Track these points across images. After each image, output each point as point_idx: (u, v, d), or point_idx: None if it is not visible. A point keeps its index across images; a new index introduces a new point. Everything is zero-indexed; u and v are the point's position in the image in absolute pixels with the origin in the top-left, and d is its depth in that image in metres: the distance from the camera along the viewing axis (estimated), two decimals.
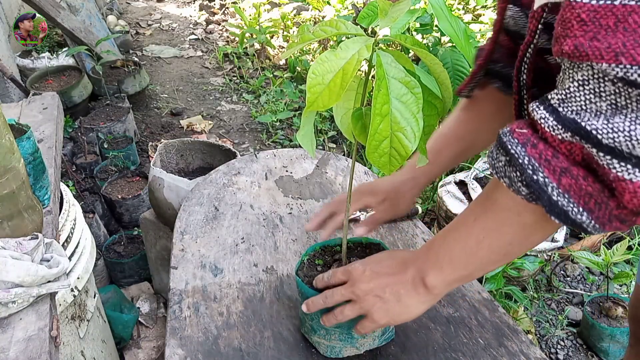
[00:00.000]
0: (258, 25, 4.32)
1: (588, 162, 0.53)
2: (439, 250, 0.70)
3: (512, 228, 0.62)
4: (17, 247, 0.87)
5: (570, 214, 0.54)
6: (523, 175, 0.56)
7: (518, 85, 0.74)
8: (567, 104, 0.53)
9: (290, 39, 4.26)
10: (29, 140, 1.00)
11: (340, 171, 1.45)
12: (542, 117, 0.54)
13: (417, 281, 0.71)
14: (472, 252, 0.67)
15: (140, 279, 2.12)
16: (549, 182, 0.54)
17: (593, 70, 0.50)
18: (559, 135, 0.53)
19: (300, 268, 0.88)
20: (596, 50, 0.48)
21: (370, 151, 0.61)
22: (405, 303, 0.72)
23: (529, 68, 0.69)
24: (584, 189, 0.52)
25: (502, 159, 0.59)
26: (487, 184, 0.67)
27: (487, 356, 0.90)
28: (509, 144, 0.57)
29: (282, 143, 3.14)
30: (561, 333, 1.91)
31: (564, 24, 0.51)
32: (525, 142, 0.56)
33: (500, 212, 0.62)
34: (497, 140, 0.61)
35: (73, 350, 1.26)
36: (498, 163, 0.59)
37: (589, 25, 0.49)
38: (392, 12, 0.63)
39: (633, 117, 0.48)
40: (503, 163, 0.59)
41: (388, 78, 0.59)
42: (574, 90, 0.52)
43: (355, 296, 0.75)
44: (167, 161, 1.93)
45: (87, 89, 3.16)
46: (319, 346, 0.88)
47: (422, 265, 0.71)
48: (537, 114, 0.55)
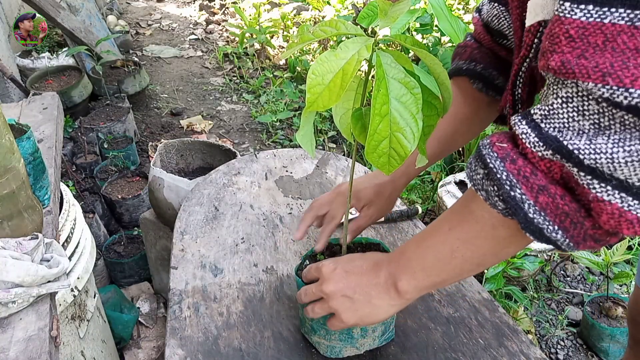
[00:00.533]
0: (258, 25, 4.33)
1: (566, 180, 0.52)
2: (412, 256, 0.70)
3: (486, 240, 0.62)
4: (17, 247, 0.87)
5: (545, 231, 0.53)
6: (500, 190, 0.55)
7: (513, 99, 0.73)
8: (550, 120, 0.52)
9: (290, 39, 4.26)
10: (29, 140, 1.00)
11: (340, 171, 1.45)
12: (523, 132, 0.54)
13: (389, 284, 0.71)
14: (445, 261, 0.66)
15: (140, 279, 2.12)
16: (526, 199, 0.53)
17: (578, 88, 0.49)
18: (539, 152, 0.52)
19: (300, 268, 0.88)
20: (583, 69, 0.47)
21: (370, 151, 0.61)
22: (375, 305, 0.72)
23: (525, 82, 0.68)
24: (560, 207, 0.52)
25: (480, 172, 0.58)
26: (465, 192, 0.66)
27: (487, 356, 0.90)
28: (487, 157, 0.57)
29: (282, 143, 3.14)
30: (561, 333, 1.91)
31: (552, 39, 0.50)
32: (505, 157, 0.55)
33: (475, 223, 0.62)
34: (476, 152, 0.60)
35: (73, 350, 1.27)
36: (476, 175, 0.59)
37: (577, 42, 0.48)
38: (392, 12, 0.63)
39: (616, 138, 0.47)
40: (481, 176, 0.58)
41: (387, 78, 0.59)
42: (557, 107, 0.51)
43: (324, 294, 0.75)
44: (167, 161, 1.93)
45: (87, 89, 3.16)
46: (319, 346, 0.88)
47: (395, 269, 0.71)
48: (519, 128, 0.55)
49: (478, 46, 0.92)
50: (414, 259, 0.69)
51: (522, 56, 0.66)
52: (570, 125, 0.50)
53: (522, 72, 0.68)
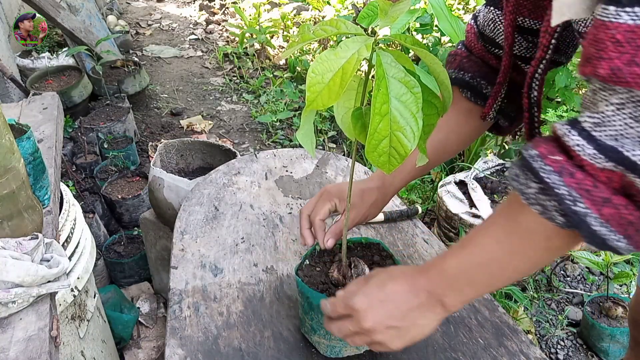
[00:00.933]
0: (258, 25, 4.33)
1: (626, 188, 0.51)
2: (456, 273, 0.68)
3: (539, 251, 0.61)
4: (17, 247, 0.87)
5: (608, 241, 0.53)
6: (561, 205, 0.54)
7: (529, 102, 0.71)
8: (603, 128, 0.50)
9: (291, 38, 4.26)
10: (29, 140, 1.00)
11: (340, 171, 1.45)
12: (578, 144, 0.52)
13: (432, 302, 0.69)
14: (495, 275, 0.66)
15: (140, 279, 2.12)
16: (590, 213, 0.52)
17: (631, 94, 0.48)
18: (598, 164, 0.51)
19: (300, 268, 0.88)
20: (636, 76, 0.46)
21: (370, 150, 0.61)
22: (421, 324, 0.70)
23: (540, 84, 0.67)
24: (625, 217, 0.52)
25: (534, 186, 0.56)
26: (503, 204, 0.65)
27: (487, 356, 0.90)
28: (541, 172, 0.55)
29: (282, 143, 3.14)
30: (561, 333, 1.91)
31: (597, 45, 0.48)
32: (561, 171, 0.53)
33: (527, 236, 0.61)
34: (523, 164, 0.58)
35: (73, 350, 1.26)
36: (528, 190, 0.57)
37: (625, 47, 0.46)
38: (392, 12, 0.63)
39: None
40: (535, 190, 0.56)
41: (388, 77, 0.59)
42: (611, 114, 0.50)
43: (365, 331, 0.71)
44: (167, 161, 1.93)
45: (87, 89, 3.16)
46: (319, 346, 0.88)
47: (437, 287, 0.69)
48: (571, 140, 0.53)
49: (468, 55, 0.92)
50: (460, 277, 0.68)
51: (538, 58, 0.64)
52: (627, 133, 0.49)
53: (539, 74, 0.66)
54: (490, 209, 1.94)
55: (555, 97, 2.13)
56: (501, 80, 0.85)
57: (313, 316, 0.84)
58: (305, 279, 0.85)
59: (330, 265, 0.89)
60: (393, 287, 0.71)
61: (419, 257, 1.13)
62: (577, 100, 2.08)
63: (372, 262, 0.90)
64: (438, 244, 1.17)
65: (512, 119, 0.93)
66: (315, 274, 0.87)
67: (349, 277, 0.85)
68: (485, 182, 2.09)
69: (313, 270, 0.88)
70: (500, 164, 2.21)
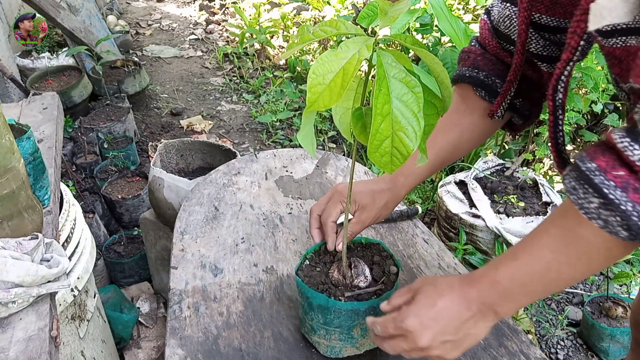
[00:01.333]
0: (258, 25, 4.33)
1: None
2: (512, 286, 0.68)
3: (599, 260, 0.61)
4: (17, 247, 0.87)
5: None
6: (626, 221, 0.54)
7: (553, 105, 0.70)
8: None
9: (290, 39, 4.26)
10: (29, 140, 1.00)
11: (340, 171, 1.45)
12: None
13: (485, 313, 0.70)
14: (550, 284, 0.66)
15: (140, 279, 2.12)
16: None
17: None
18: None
19: (300, 268, 0.88)
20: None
21: (372, 151, 0.60)
22: (475, 333, 0.71)
23: (566, 86, 0.65)
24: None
25: (595, 201, 0.56)
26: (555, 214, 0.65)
27: (487, 356, 0.90)
28: (604, 188, 0.54)
29: (282, 143, 3.14)
30: (561, 333, 1.91)
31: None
32: (625, 187, 0.53)
33: (587, 247, 0.61)
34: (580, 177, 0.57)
35: (73, 350, 1.26)
36: (588, 204, 0.57)
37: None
38: (391, 12, 0.63)
39: None
40: (596, 205, 0.56)
41: (389, 78, 0.59)
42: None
43: (421, 349, 0.71)
44: (167, 161, 1.93)
45: (87, 89, 3.16)
46: (319, 346, 0.88)
47: (491, 299, 0.69)
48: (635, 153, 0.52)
49: (482, 52, 0.90)
50: (515, 288, 0.68)
51: (565, 59, 0.63)
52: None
53: (565, 76, 0.65)
54: (490, 209, 1.94)
55: None
56: (511, 78, 0.83)
57: (313, 316, 0.84)
58: (306, 279, 0.85)
59: (330, 265, 0.89)
60: (444, 303, 0.71)
61: (419, 257, 1.13)
62: (577, 100, 2.08)
63: (372, 262, 0.90)
64: (438, 244, 1.17)
65: (526, 116, 0.92)
66: (315, 274, 0.87)
67: (349, 277, 0.85)
68: (485, 182, 2.09)
69: (313, 271, 0.88)
70: (500, 164, 2.21)
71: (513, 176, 2.14)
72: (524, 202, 1.99)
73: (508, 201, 1.99)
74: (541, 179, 2.09)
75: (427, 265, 1.11)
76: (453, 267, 1.11)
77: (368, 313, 0.81)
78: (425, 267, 1.11)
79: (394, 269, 0.88)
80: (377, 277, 0.87)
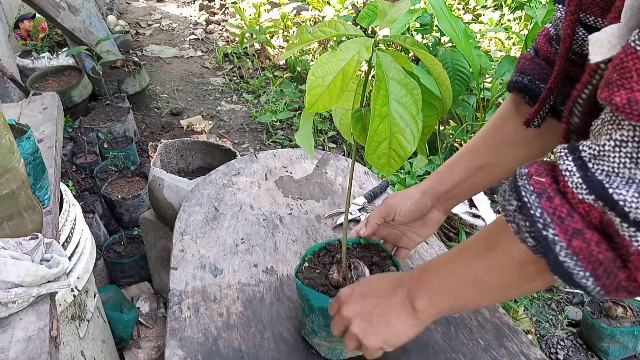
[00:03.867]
0: (258, 25, 4.33)
1: (605, 226, 0.49)
2: (433, 276, 0.68)
3: (512, 273, 0.60)
4: (17, 247, 0.87)
5: (574, 276, 0.51)
6: (532, 227, 0.52)
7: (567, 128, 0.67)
8: (598, 162, 0.48)
9: (290, 39, 4.26)
10: (29, 140, 1.00)
11: (340, 171, 1.45)
12: (568, 169, 0.50)
13: (406, 304, 0.69)
14: (466, 286, 0.65)
15: (140, 279, 2.12)
16: (558, 241, 0.50)
17: (635, 133, 0.45)
18: (579, 195, 0.49)
19: (300, 270, 0.88)
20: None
21: (370, 152, 0.60)
22: (394, 325, 0.71)
23: (584, 111, 0.62)
24: (594, 255, 0.49)
25: (514, 203, 0.55)
26: (496, 219, 0.64)
27: (488, 357, 0.90)
28: (522, 190, 0.54)
29: (282, 143, 3.14)
30: (561, 333, 1.91)
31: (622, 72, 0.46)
32: (541, 193, 0.52)
33: (502, 254, 0.60)
34: (511, 180, 0.57)
35: (73, 350, 1.27)
36: (509, 206, 0.56)
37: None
38: (391, 13, 0.63)
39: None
40: (514, 208, 0.55)
41: (387, 79, 0.59)
42: (609, 149, 0.47)
43: (345, 320, 0.73)
44: (167, 161, 1.93)
45: (87, 89, 3.16)
46: (320, 348, 0.88)
47: (413, 288, 0.69)
48: (564, 163, 0.51)
49: (532, 57, 0.86)
50: (434, 280, 0.68)
51: (584, 82, 0.60)
52: (619, 172, 0.47)
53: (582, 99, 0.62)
54: (490, 209, 1.94)
55: None
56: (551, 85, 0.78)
57: (314, 319, 0.84)
58: (305, 281, 0.85)
59: (329, 266, 0.89)
60: (377, 285, 0.74)
61: (419, 257, 1.13)
62: None
63: (372, 263, 0.90)
64: (438, 244, 1.17)
65: None
66: (315, 276, 0.87)
67: (349, 278, 0.85)
68: None
69: (313, 273, 0.88)
70: None
71: None
72: None
73: None
74: None
75: None
76: None
77: None
78: None
79: (394, 269, 0.88)
80: None
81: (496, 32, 3.88)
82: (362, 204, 1.27)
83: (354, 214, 1.24)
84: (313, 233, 1.20)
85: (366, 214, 1.24)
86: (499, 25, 3.95)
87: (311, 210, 1.28)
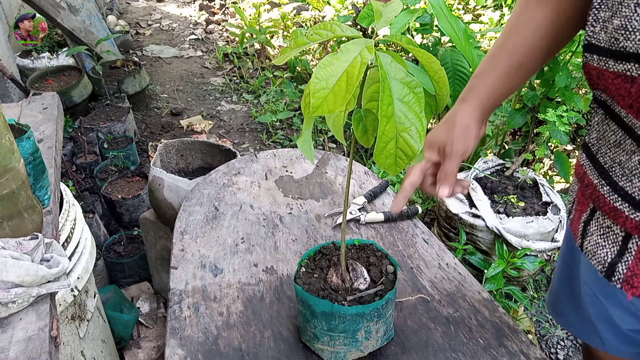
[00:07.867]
0: (258, 25, 4.33)
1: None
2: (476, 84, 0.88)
3: None
4: (17, 247, 0.87)
5: None
6: None
7: None
8: None
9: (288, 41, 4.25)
10: (29, 140, 1.00)
11: (340, 171, 1.45)
12: None
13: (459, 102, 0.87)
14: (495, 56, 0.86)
15: (140, 279, 2.12)
16: None
17: None
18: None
19: (298, 276, 0.87)
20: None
21: (377, 153, 0.60)
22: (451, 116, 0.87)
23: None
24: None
25: None
26: None
27: (487, 356, 0.90)
28: None
29: (282, 143, 3.14)
30: (561, 333, 1.91)
31: None
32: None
33: None
34: None
35: (73, 350, 1.27)
36: None
37: None
38: (386, 13, 0.63)
39: None
40: None
41: (389, 79, 0.59)
42: None
43: None
44: (167, 161, 1.93)
45: (87, 89, 3.16)
46: (322, 353, 0.87)
47: (465, 89, 0.89)
48: None
49: None
50: (474, 76, 0.88)
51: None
52: None
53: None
54: (490, 209, 1.94)
55: (555, 97, 2.13)
56: None
57: (316, 324, 0.83)
58: (305, 286, 0.84)
59: (327, 270, 0.88)
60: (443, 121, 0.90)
61: (419, 257, 1.13)
62: (577, 100, 2.08)
63: (369, 263, 0.89)
64: (438, 244, 1.18)
65: None
66: (313, 281, 0.86)
67: (348, 280, 0.85)
68: (485, 182, 2.09)
69: (311, 277, 0.87)
70: (500, 164, 2.21)
71: (513, 176, 2.14)
72: (524, 202, 1.99)
73: (508, 201, 1.99)
74: (541, 179, 2.09)
75: (427, 265, 1.11)
76: (453, 267, 1.11)
77: (372, 315, 0.81)
78: (425, 267, 1.11)
79: (391, 268, 0.88)
80: (375, 278, 0.86)
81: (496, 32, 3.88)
82: (362, 203, 1.27)
83: (353, 213, 1.23)
84: (313, 233, 1.20)
85: (366, 213, 1.24)
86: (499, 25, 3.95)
87: (311, 209, 1.28)
